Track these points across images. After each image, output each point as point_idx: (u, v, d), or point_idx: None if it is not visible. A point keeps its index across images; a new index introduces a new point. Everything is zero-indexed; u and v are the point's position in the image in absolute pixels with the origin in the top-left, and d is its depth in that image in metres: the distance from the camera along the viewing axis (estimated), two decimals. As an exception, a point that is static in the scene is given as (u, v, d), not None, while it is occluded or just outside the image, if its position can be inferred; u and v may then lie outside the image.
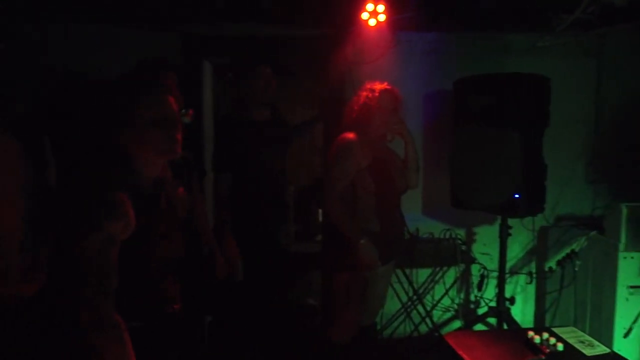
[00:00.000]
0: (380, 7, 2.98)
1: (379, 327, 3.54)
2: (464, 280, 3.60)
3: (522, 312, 3.69)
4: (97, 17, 3.00)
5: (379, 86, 2.49)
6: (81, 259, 1.27)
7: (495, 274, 3.32)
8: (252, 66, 2.74)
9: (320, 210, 5.02)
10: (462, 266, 3.54)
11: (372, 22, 3.04)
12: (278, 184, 2.86)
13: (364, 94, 2.48)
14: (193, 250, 1.99)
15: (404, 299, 3.47)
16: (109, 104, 1.44)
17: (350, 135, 2.44)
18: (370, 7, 2.99)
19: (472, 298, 3.61)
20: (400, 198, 2.62)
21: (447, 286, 3.53)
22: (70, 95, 2.56)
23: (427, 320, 3.47)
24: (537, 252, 3.65)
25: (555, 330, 2.12)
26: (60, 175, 1.82)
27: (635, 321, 2.87)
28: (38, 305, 1.60)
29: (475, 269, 3.55)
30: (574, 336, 2.07)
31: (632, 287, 2.88)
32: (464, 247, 3.46)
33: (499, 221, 3.15)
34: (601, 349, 1.96)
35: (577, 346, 1.98)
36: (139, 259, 1.41)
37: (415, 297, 3.45)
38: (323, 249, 2.58)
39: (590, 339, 2.06)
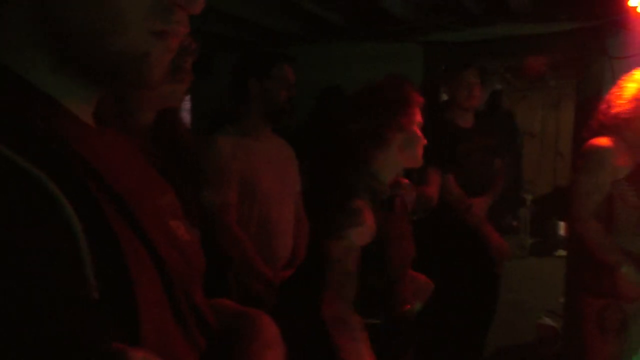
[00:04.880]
0: (658, -11, 2.53)
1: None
2: None
3: None
4: (349, 36, 3.30)
5: None
6: (325, 265, 1.38)
7: None
8: (460, 70, 2.67)
9: (561, 223, 4.54)
10: None
11: (644, 8, 2.61)
12: (478, 195, 2.72)
13: (629, 85, 2.12)
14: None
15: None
16: (354, 119, 1.54)
17: (604, 141, 2.11)
18: (642, -10, 2.56)
19: None
20: None
21: None
22: (328, 107, 2.87)
23: None
24: None
25: None
26: (307, 180, 2.05)
27: None
28: (292, 293, 1.83)
29: None
30: None
31: None
32: None
33: None
34: None
35: None
36: (379, 260, 1.48)
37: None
38: (568, 268, 2.31)
39: None
